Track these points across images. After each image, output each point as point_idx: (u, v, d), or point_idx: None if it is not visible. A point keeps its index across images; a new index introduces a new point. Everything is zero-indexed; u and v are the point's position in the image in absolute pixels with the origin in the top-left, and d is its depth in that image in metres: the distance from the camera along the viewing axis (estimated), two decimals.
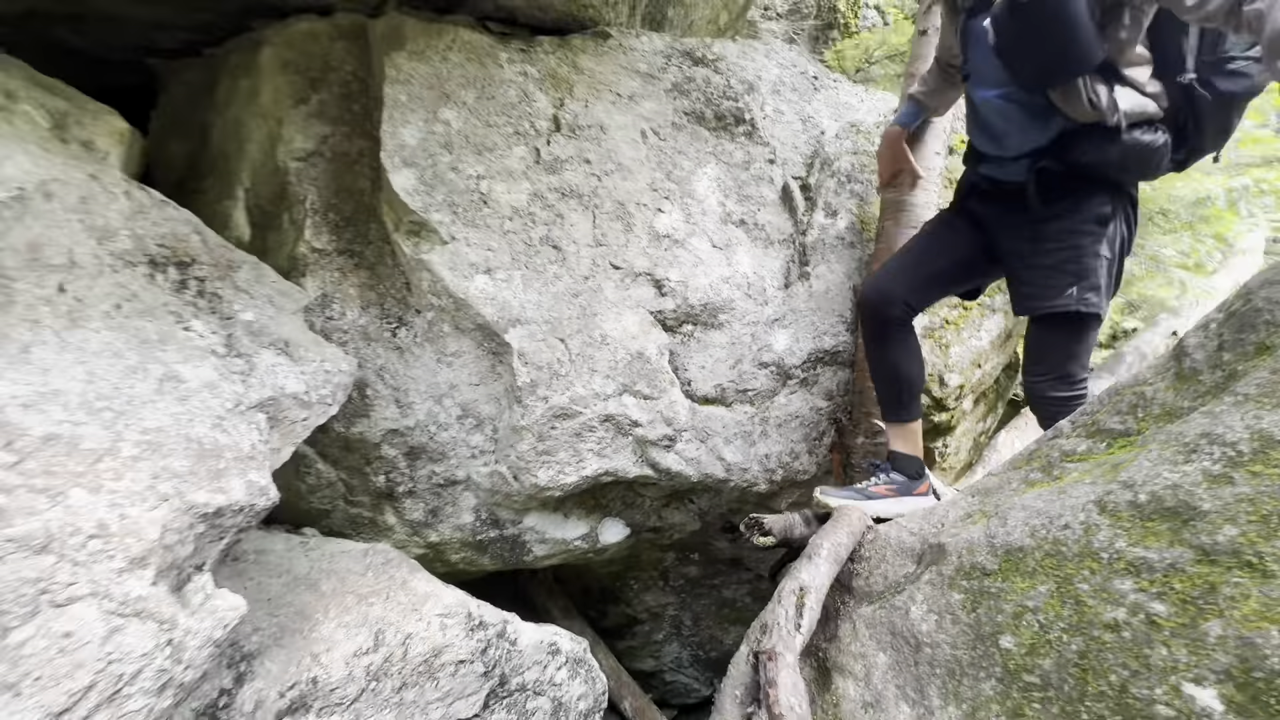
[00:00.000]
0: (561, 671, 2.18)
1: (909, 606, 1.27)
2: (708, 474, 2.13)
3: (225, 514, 1.24)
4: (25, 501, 1.00)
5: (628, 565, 2.80)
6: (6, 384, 1.09)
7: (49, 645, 0.92)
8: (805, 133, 2.51)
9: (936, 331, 2.38)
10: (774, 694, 1.11)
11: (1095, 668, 0.90)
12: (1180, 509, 0.91)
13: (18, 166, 1.24)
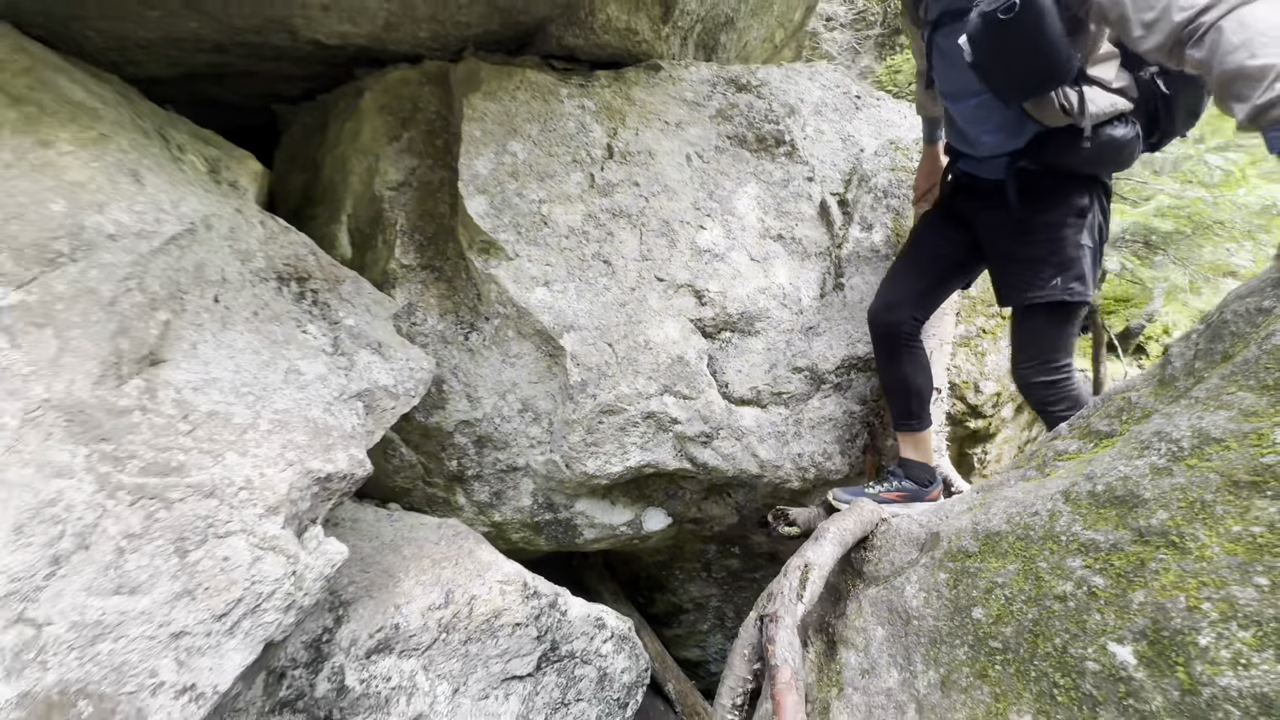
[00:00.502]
0: (607, 645, 2.41)
1: (905, 586, 1.42)
2: (742, 469, 2.30)
3: (333, 479, 1.55)
4: (197, 460, 1.33)
5: (672, 555, 3.00)
6: (182, 372, 1.45)
7: (213, 565, 1.24)
8: (845, 150, 2.65)
9: (973, 340, 2.46)
10: (771, 649, 1.29)
11: (1044, 632, 1.03)
12: (1127, 497, 1.03)
13: (189, 205, 1.61)
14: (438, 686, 1.92)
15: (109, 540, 1.18)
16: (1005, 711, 1.03)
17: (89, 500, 1.19)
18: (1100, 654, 0.93)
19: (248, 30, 2.19)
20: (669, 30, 2.76)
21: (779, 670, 1.26)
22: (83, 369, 1.29)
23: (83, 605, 1.13)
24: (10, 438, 1.19)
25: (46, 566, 1.13)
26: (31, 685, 1.07)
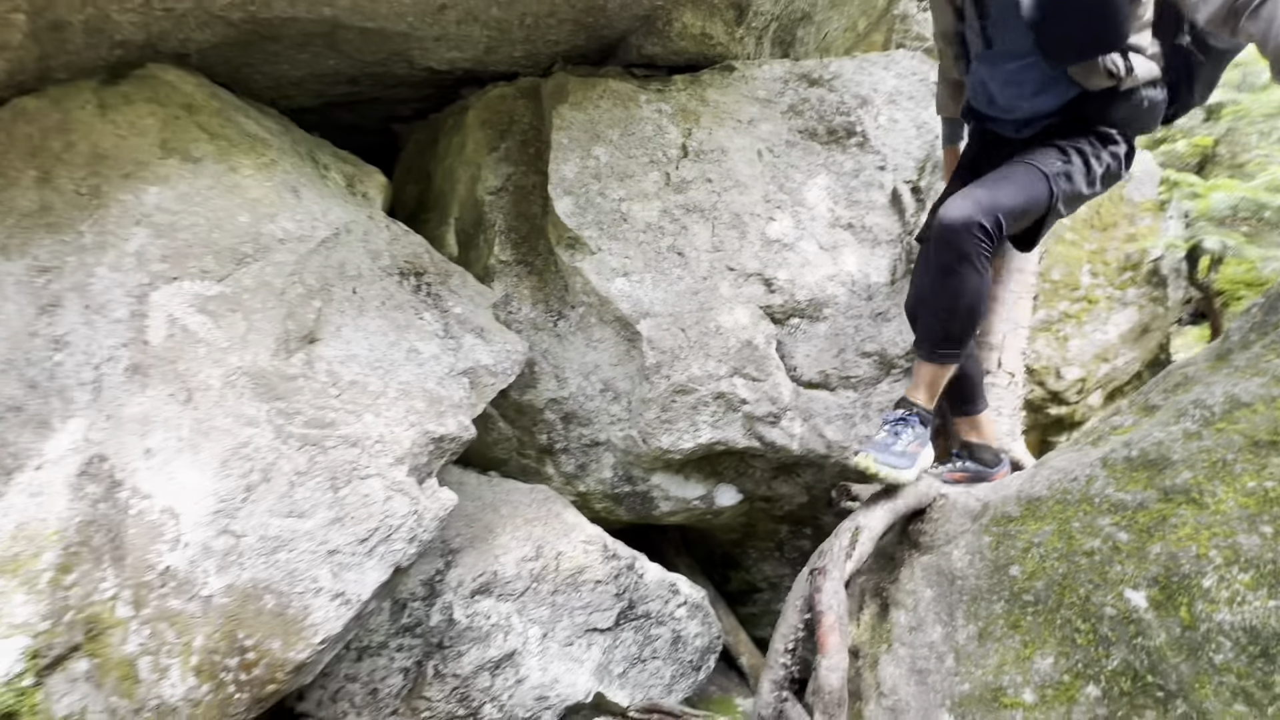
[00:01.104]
0: (681, 609, 2.60)
1: (953, 551, 1.51)
2: (810, 449, 2.41)
3: (445, 440, 1.85)
4: (344, 418, 1.66)
5: (745, 534, 3.14)
6: (331, 348, 1.79)
7: (357, 500, 1.56)
8: (919, 138, 2.67)
9: (1054, 324, 2.42)
10: (818, 597, 1.43)
11: (1070, 584, 1.11)
12: (1159, 460, 1.08)
13: (334, 214, 1.96)
14: (529, 629, 2.19)
15: (283, 476, 1.53)
16: (1031, 655, 1.12)
17: (269, 445, 1.54)
18: (1117, 600, 1.01)
19: (374, 63, 2.57)
20: (743, 32, 2.89)
21: (824, 615, 1.40)
22: (263, 344, 1.65)
23: (266, 523, 1.47)
24: (216, 395, 1.56)
25: (242, 493, 1.48)
26: (234, 579, 1.42)
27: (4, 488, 1.54)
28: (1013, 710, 1.08)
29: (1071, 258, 2.45)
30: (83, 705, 1.37)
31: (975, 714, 1.15)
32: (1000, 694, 1.12)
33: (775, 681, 1.55)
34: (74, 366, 1.64)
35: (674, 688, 2.60)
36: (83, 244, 1.75)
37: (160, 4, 1.92)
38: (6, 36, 1.87)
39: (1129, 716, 0.91)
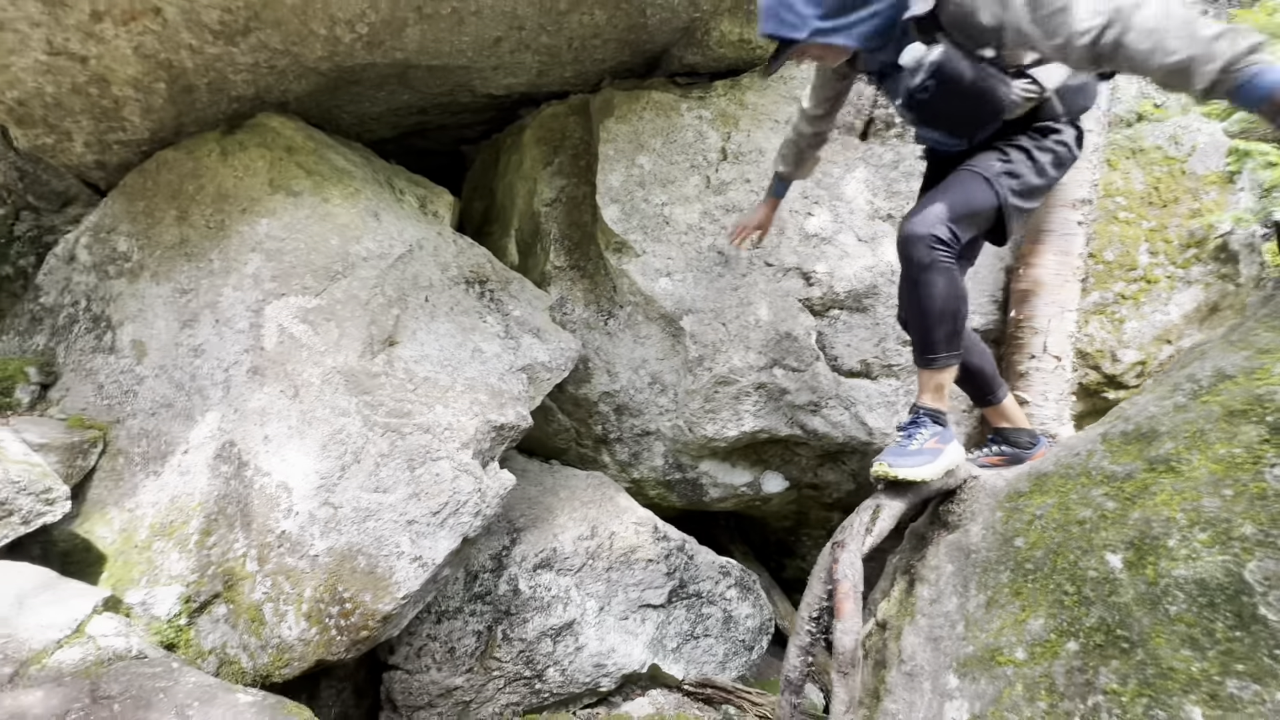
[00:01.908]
0: (731, 591, 2.74)
1: (971, 527, 1.58)
2: (851, 436, 2.48)
3: (505, 428, 2.08)
4: (418, 409, 1.92)
5: (798, 522, 3.22)
6: (408, 350, 2.07)
7: (429, 478, 1.82)
8: None
9: (1108, 307, 2.36)
10: (835, 568, 1.54)
11: (1062, 551, 1.17)
12: (1149, 433, 1.13)
13: (409, 233, 2.25)
14: (587, 602, 2.40)
15: (370, 457, 1.81)
16: (1026, 618, 1.19)
17: (359, 431, 1.83)
18: (1099, 563, 1.07)
19: (441, 94, 2.87)
20: None
21: (840, 583, 1.51)
22: (352, 347, 1.95)
23: (358, 497, 1.75)
24: (316, 391, 1.86)
25: (339, 471, 1.77)
26: (334, 542, 1.71)
27: (161, 468, 1.91)
28: (1005, 667, 1.16)
29: (1127, 237, 2.38)
30: (223, 641, 1.70)
31: (975, 672, 1.24)
32: (997, 653, 1.20)
33: (801, 647, 1.66)
34: (209, 370, 2.01)
35: (727, 665, 2.73)
36: (212, 269, 2.13)
37: (266, 64, 2.27)
38: (151, 101, 2.29)
39: (1098, 665, 0.98)
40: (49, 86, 2.12)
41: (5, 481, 1.57)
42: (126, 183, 2.38)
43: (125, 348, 2.13)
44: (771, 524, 3.31)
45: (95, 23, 1.96)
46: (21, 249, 2.62)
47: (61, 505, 1.67)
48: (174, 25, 2.03)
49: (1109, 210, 2.40)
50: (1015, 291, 2.35)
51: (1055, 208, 2.23)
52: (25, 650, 1.31)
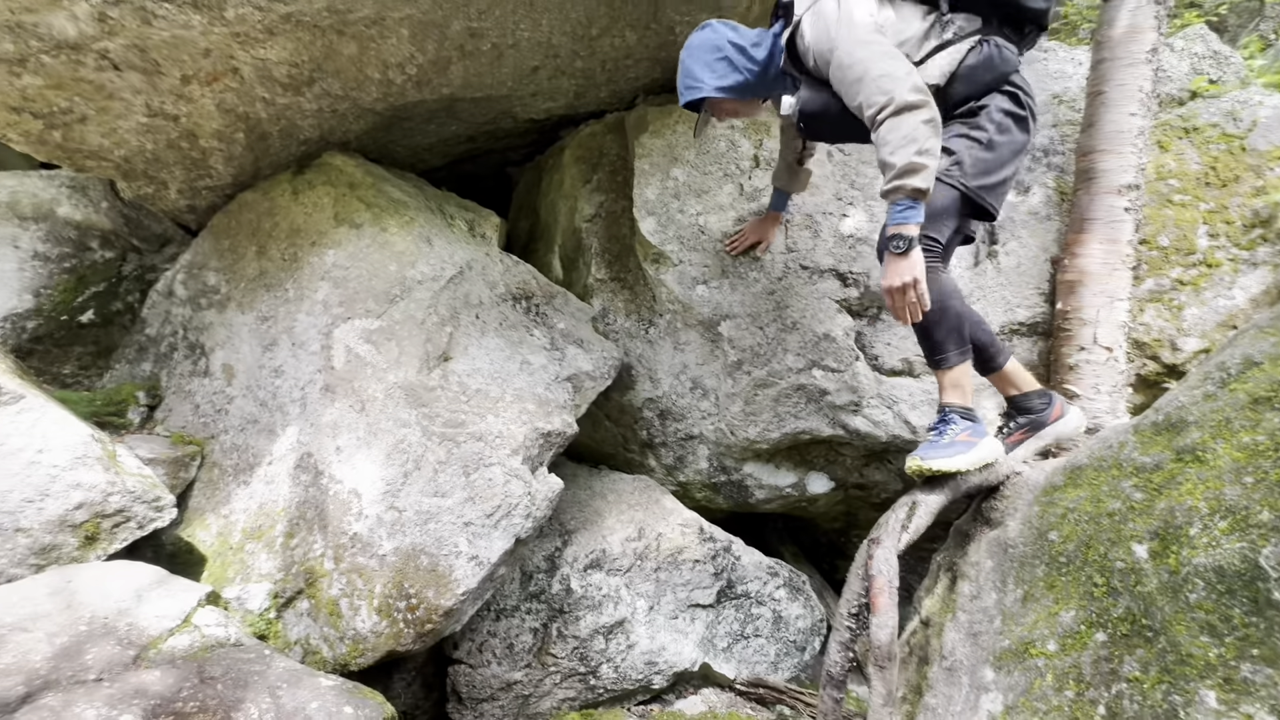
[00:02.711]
0: (781, 591, 2.76)
1: (1009, 523, 1.58)
2: (895, 435, 2.47)
3: (552, 435, 2.20)
4: (471, 419, 2.07)
5: (848, 523, 3.20)
6: (461, 364, 2.23)
7: (484, 483, 1.95)
8: None
9: (1165, 294, 2.27)
10: (871, 564, 1.56)
11: (1093, 543, 1.17)
12: (1178, 424, 1.12)
13: (459, 255, 2.42)
14: (637, 601, 2.49)
15: (429, 465, 1.96)
16: (1058, 611, 1.20)
17: (418, 441, 1.99)
18: (1126, 554, 1.07)
19: (485, 122, 3.05)
20: None
21: (875, 579, 1.54)
22: (411, 364, 2.12)
23: (419, 501, 1.91)
24: (380, 405, 2.04)
25: (401, 477, 1.93)
26: (399, 543, 1.87)
27: (250, 478, 2.14)
28: (1037, 659, 1.17)
29: (1183, 220, 2.28)
30: (306, 633, 1.88)
31: (1010, 665, 1.25)
32: (1030, 646, 1.21)
33: (842, 643, 1.70)
34: (287, 388, 2.22)
35: (779, 666, 2.76)
36: (288, 297, 2.35)
37: (328, 108, 2.50)
38: (232, 150, 2.56)
39: (1123, 655, 0.98)
40: (149, 144, 2.41)
41: (124, 491, 1.81)
42: (214, 223, 2.66)
43: (217, 371, 2.38)
44: (821, 525, 3.31)
45: (185, 85, 2.22)
46: (129, 287, 2.96)
47: (169, 512, 1.90)
48: (250, 82, 2.28)
49: (1161, 194, 2.31)
50: (1061, 283, 2.29)
51: (1099, 195, 2.17)
52: (145, 637, 1.51)
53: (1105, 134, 2.21)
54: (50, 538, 1.68)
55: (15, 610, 1.48)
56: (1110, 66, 2.23)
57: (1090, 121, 2.26)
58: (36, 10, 1.84)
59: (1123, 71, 2.20)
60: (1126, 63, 2.21)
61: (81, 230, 2.88)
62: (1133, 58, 2.20)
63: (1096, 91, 2.26)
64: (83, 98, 2.17)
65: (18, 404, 1.69)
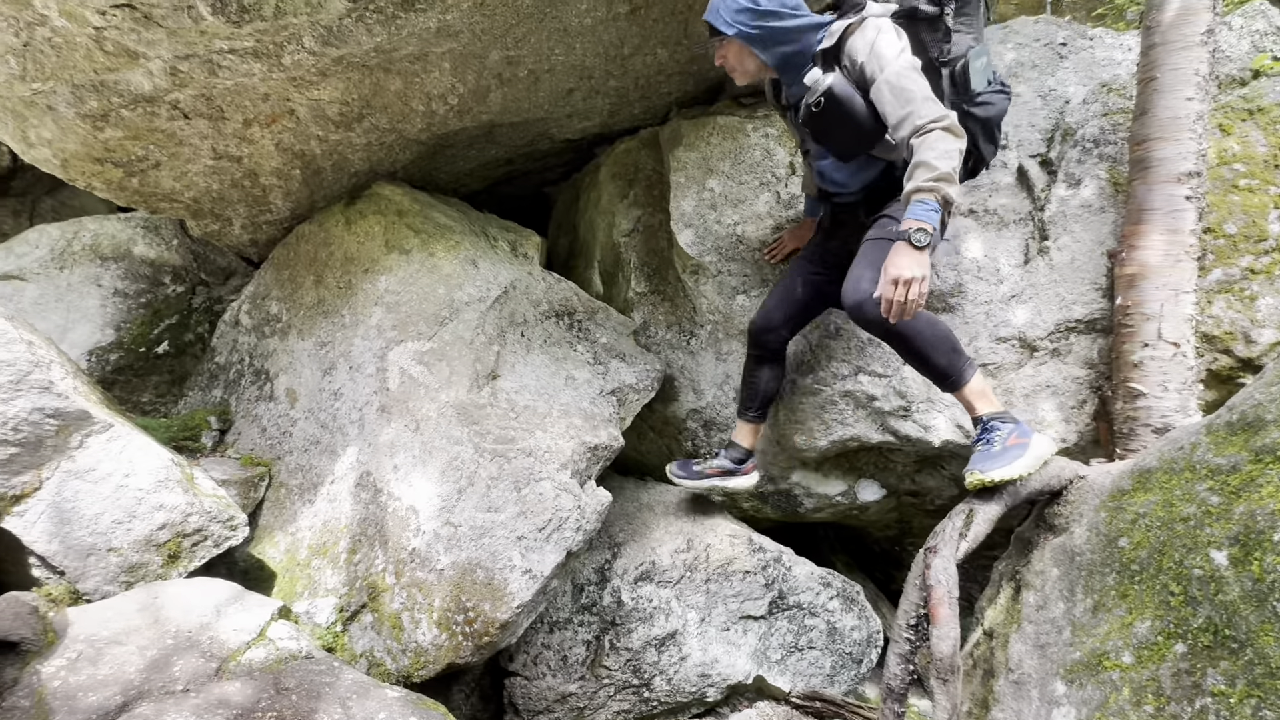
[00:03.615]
0: (834, 602, 2.72)
1: (1075, 529, 1.52)
2: (947, 440, 2.40)
3: (599, 449, 2.24)
4: (520, 434, 2.12)
5: (902, 531, 3.12)
6: (509, 382, 2.29)
7: (534, 498, 2.00)
8: (1045, 108, 2.54)
9: (1235, 284, 2.15)
10: (928, 573, 1.53)
11: (1168, 550, 1.12)
12: (1255, 423, 1.06)
13: (503, 275, 2.49)
14: (688, 613, 2.48)
15: (482, 481, 2.02)
16: (1133, 621, 1.15)
17: (471, 458, 2.05)
18: (1204, 561, 1.02)
19: (523, 145, 3.14)
20: None
21: (934, 589, 1.50)
22: (461, 383, 2.19)
23: (473, 516, 1.96)
24: (433, 423, 2.11)
25: (456, 493, 2.00)
26: (456, 558, 1.93)
27: (314, 497, 2.24)
28: (1111, 671, 1.13)
29: (1251, 206, 2.16)
30: (371, 646, 1.95)
31: (1082, 678, 1.21)
32: (1104, 658, 1.17)
33: (901, 655, 1.66)
34: (346, 410, 2.32)
35: (835, 678, 2.71)
36: (344, 323, 2.47)
37: (376, 141, 2.62)
38: (289, 185, 2.71)
39: (1206, 667, 0.94)
40: (215, 184, 2.58)
41: (201, 512, 1.92)
42: (274, 255, 2.81)
43: (280, 395, 2.51)
44: (873, 534, 3.23)
45: (246, 129, 2.37)
46: (198, 318, 3.15)
47: (242, 530, 2.00)
48: (305, 121, 2.41)
49: (1225, 180, 2.20)
50: (1120, 277, 2.20)
51: (1156, 184, 2.08)
52: (225, 649, 1.60)
53: (1160, 121, 2.12)
54: (138, 556, 1.80)
55: (110, 625, 1.59)
56: (1162, 51, 2.14)
57: (1144, 109, 2.17)
58: (117, 69, 2.00)
59: (1176, 55, 2.11)
60: (1179, 46, 2.12)
61: (155, 267, 3.09)
62: (1186, 41, 2.10)
63: (1148, 78, 2.17)
64: (157, 146, 2.34)
65: (107, 432, 1.82)
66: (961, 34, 1.87)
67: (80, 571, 1.73)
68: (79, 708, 1.38)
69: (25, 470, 1.69)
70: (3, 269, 2.94)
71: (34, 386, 1.69)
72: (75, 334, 2.88)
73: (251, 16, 1.84)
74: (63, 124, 2.18)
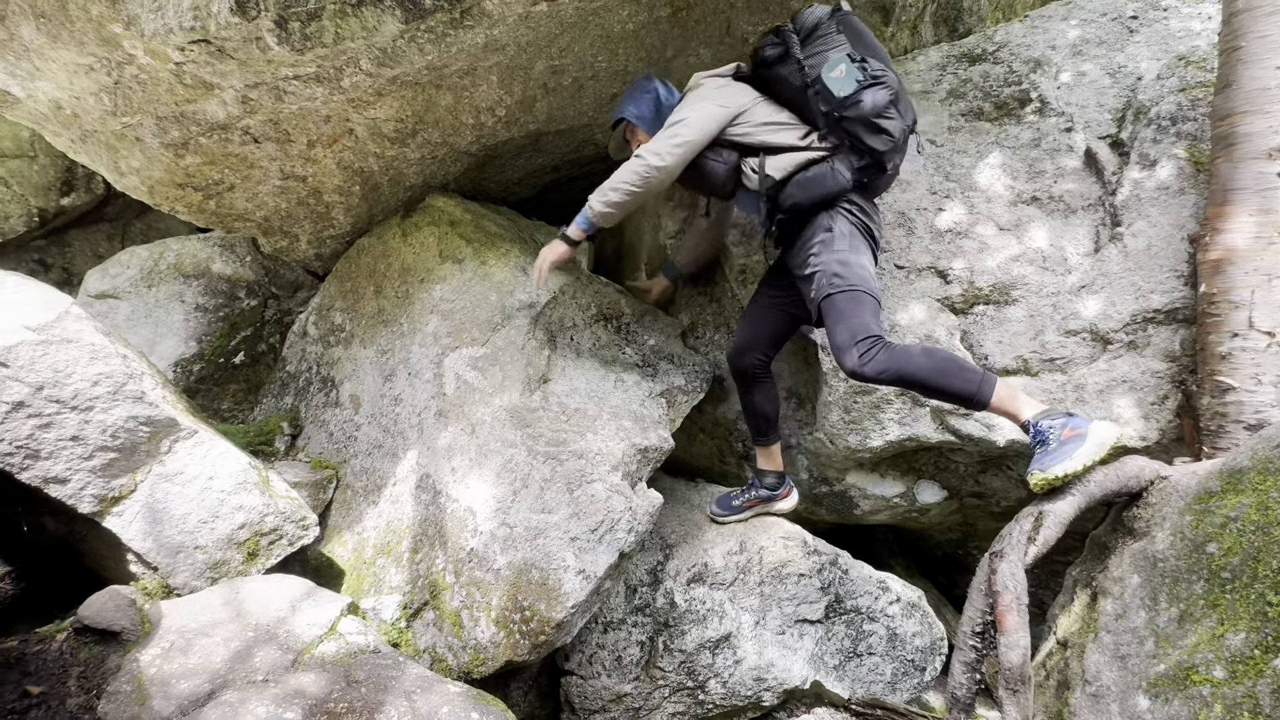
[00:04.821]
0: (894, 607, 2.64)
1: (1157, 534, 1.43)
2: (1013, 440, 2.30)
3: (649, 450, 2.25)
4: (572, 437, 2.16)
5: (965, 534, 3.00)
6: (559, 385, 2.33)
7: (586, 499, 2.02)
8: (1115, 86, 2.40)
9: None
10: (994, 579, 1.46)
11: (1263, 557, 1.04)
12: None
13: (552, 281, 2.53)
14: (742, 616, 2.46)
15: (536, 483, 2.06)
16: (1225, 633, 1.08)
17: (524, 460, 2.09)
18: None
19: (569, 152, 3.19)
20: (893, 29, 2.92)
21: (1001, 595, 1.44)
22: (514, 387, 2.24)
23: (528, 517, 2.01)
24: (488, 427, 2.17)
25: (511, 495, 2.04)
26: (512, 558, 1.97)
27: (378, 498, 2.34)
28: (1201, 686, 1.06)
29: None
30: (433, 642, 2.02)
31: (1168, 693, 1.14)
32: (1192, 672, 1.10)
33: (966, 663, 1.60)
34: (406, 415, 2.42)
35: (897, 686, 2.63)
36: (402, 331, 2.57)
37: (430, 155, 2.72)
38: (350, 201, 2.84)
39: None
40: (283, 203, 2.73)
41: (277, 512, 2.04)
42: (337, 268, 2.95)
43: (345, 401, 2.63)
44: (934, 537, 3.12)
45: (310, 149, 2.50)
46: (270, 330, 3.34)
47: (313, 530, 2.11)
48: (363, 140, 2.53)
49: None
50: (1204, 263, 2.05)
51: (1243, 162, 1.93)
52: (300, 643, 1.69)
53: (1246, 93, 1.96)
54: (220, 554, 1.93)
55: (198, 617, 1.71)
56: (1247, 18, 1.99)
57: (1227, 81, 2.02)
58: (195, 100, 2.15)
59: (1263, 22, 1.95)
60: (1267, 11, 1.96)
61: (231, 283, 3.29)
62: (1274, 5, 1.95)
63: (1232, 47, 2.02)
64: (231, 169, 2.50)
65: (193, 438, 1.96)
66: (817, 58, 1.97)
67: (171, 567, 1.86)
68: (172, 694, 1.48)
69: (122, 474, 1.84)
70: (99, 288, 3.20)
71: (129, 396, 1.83)
72: (162, 347, 3.11)
73: (313, 44, 1.94)
74: (149, 153, 2.36)
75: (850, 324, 1.88)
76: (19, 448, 1.70)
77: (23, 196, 3.85)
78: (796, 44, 2.02)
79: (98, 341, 1.81)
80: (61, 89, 2.16)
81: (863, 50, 1.97)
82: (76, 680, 1.53)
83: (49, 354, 1.73)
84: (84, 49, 1.98)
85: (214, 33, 1.88)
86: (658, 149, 2.05)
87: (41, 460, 1.72)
